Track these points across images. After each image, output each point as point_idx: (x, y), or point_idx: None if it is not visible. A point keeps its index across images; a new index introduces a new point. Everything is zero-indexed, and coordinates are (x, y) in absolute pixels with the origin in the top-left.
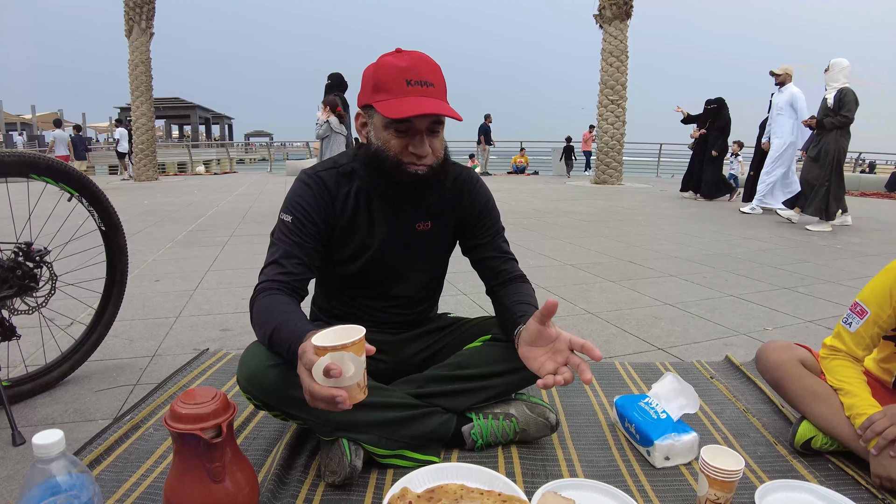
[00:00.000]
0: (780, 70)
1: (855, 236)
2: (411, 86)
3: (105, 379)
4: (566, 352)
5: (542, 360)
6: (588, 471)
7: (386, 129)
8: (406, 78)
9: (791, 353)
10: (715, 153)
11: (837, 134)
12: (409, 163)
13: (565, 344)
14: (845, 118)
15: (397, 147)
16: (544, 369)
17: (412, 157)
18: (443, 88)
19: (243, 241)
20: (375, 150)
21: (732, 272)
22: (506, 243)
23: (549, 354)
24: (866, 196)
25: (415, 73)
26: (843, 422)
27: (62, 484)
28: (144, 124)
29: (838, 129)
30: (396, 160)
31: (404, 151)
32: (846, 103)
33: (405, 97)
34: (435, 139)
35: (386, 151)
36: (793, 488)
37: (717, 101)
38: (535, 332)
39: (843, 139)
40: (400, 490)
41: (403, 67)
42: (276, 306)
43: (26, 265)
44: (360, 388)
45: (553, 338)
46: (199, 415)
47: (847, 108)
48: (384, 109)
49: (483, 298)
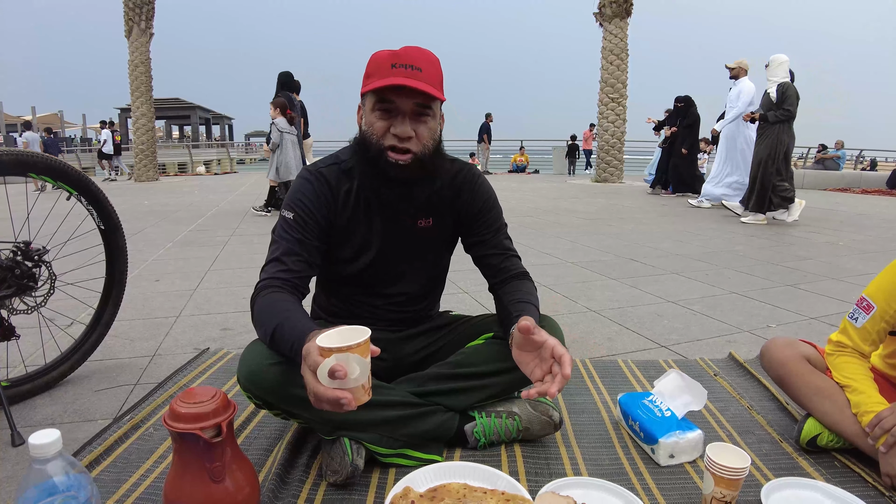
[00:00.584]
0: (733, 64)
1: (858, 233)
2: (396, 68)
3: (105, 379)
4: (550, 360)
5: (531, 366)
6: (592, 469)
7: (372, 112)
8: (392, 62)
9: (796, 349)
10: (685, 151)
11: (780, 128)
12: (390, 147)
13: (549, 352)
14: (787, 112)
15: (381, 129)
16: (534, 375)
17: (394, 140)
18: (433, 75)
19: (243, 241)
20: (362, 133)
21: (734, 269)
22: (508, 240)
23: (536, 361)
24: (868, 193)
25: (403, 58)
26: (850, 419)
27: (59, 484)
28: (145, 125)
29: (781, 122)
30: (379, 145)
31: (386, 133)
32: (787, 97)
33: (388, 76)
34: (420, 125)
35: (371, 135)
36: (799, 486)
37: (685, 98)
38: (522, 338)
39: (785, 133)
40: (402, 489)
41: (393, 54)
42: (277, 304)
43: (25, 264)
44: (365, 390)
45: (540, 344)
46: (198, 414)
47: (789, 103)
48: (365, 88)
49: (485, 297)
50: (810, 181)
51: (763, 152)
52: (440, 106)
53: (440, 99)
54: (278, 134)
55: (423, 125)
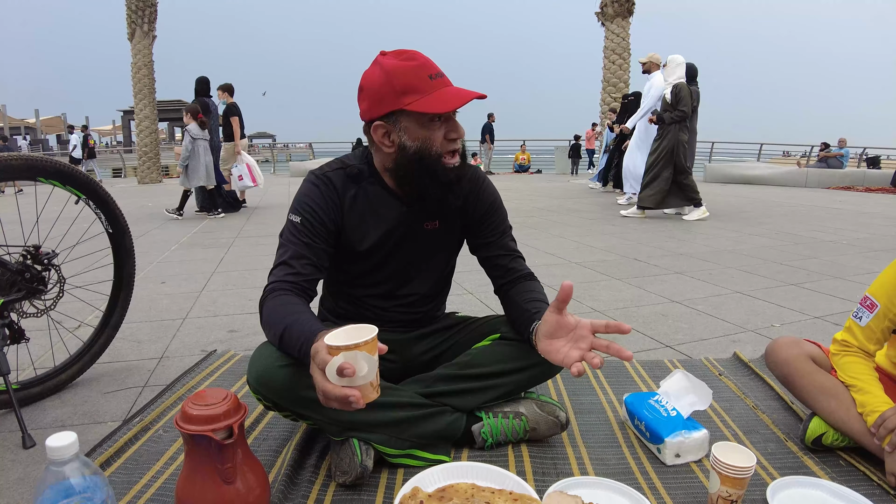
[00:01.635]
0: (645, 59)
1: (861, 231)
2: (434, 79)
3: (114, 381)
4: (590, 337)
5: (565, 351)
6: (599, 469)
7: (426, 127)
8: (427, 74)
9: (800, 348)
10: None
11: (676, 128)
12: (445, 154)
13: (587, 329)
14: (682, 113)
15: (440, 138)
16: (569, 359)
17: (451, 146)
18: None
19: (249, 243)
20: (416, 150)
21: (738, 269)
22: (513, 241)
23: (571, 343)
24: (871, 192)
25: (429, 68)
26: (855, 418)
27: (76, 486)
28: (148, 127)
29: (676, 123)
30: (438, 154)
31: (444, 141)
32: (681, 99)
33: (436, 91)
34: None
35: (429, 148)
36: (805, 485)
37: (633, 94)
38: (554, 324)
39: (682, 133)
40: (411, 490)
41: (417, 65)
42: (285, 306)
43: (35, 268)
44: (374, 388)
45: (573, 326)
46: (210, 416)
47: (683, 104)
48: (425, 106)
49: (490, 297)
50: (813, 179)
51: (663, 152)
52: None
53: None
54: (190, 140)
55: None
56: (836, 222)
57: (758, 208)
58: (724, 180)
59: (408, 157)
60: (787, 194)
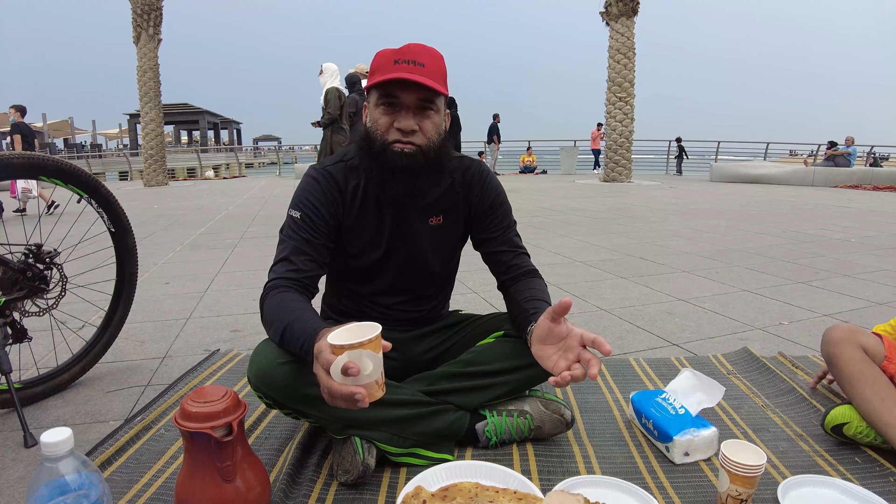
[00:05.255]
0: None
1: (870, 229)
2: (399, 63)
3: (116, 380)
4: (578, 348)
5: (554, 359)
6: (606, 468)
7: (376, 108)
8: (395, 58)
9: (852, 334)
10: None
11: (331, 130)
12: (395, 141)
13: (576, 340)
14: (330, 116)
15: (385, 124)
16: (557, 367)
17: (398, 135)
18: (436, 70)
19: (253, 244)
20: (366, 129)
21: (745, 267)
22: (518, 237)
23: (560, 352)
24: (879, 189)
25: (406, 54)
26: (888, 409)
27: (71, 483)
28: (153, 130)
29: (328, 125)
30: (383, 140)
31: (390, 128)
32: (329, 102)
33: (390, 72)
34: (425, 119)
35: (375, 130)
36: (817, 483)
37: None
38: (546, 330)
39: (337, 134)
40: (414, 489)
41: (397, 50)
42: (286, 303)
43: (36, 267)
44: (379, 385)
45: (564, 335)
46: (209, 413)
47: (331, 107)
48: (369, 83)
49: (494, 296)
50: (821, 178)
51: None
52: (444, 102)
53: (443, 94)
54: None
55: (428, 119)
56: (845, 220)
57: (764, 207)
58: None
59: (362, 134)
60: (794, 193)
